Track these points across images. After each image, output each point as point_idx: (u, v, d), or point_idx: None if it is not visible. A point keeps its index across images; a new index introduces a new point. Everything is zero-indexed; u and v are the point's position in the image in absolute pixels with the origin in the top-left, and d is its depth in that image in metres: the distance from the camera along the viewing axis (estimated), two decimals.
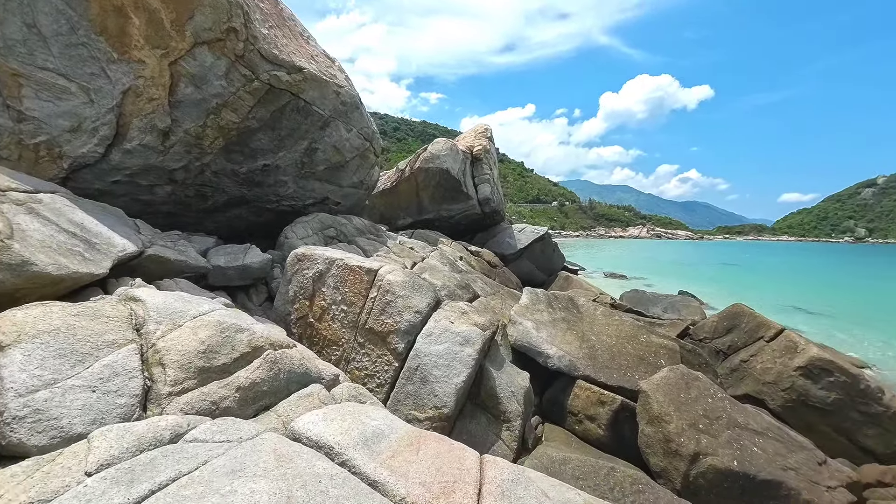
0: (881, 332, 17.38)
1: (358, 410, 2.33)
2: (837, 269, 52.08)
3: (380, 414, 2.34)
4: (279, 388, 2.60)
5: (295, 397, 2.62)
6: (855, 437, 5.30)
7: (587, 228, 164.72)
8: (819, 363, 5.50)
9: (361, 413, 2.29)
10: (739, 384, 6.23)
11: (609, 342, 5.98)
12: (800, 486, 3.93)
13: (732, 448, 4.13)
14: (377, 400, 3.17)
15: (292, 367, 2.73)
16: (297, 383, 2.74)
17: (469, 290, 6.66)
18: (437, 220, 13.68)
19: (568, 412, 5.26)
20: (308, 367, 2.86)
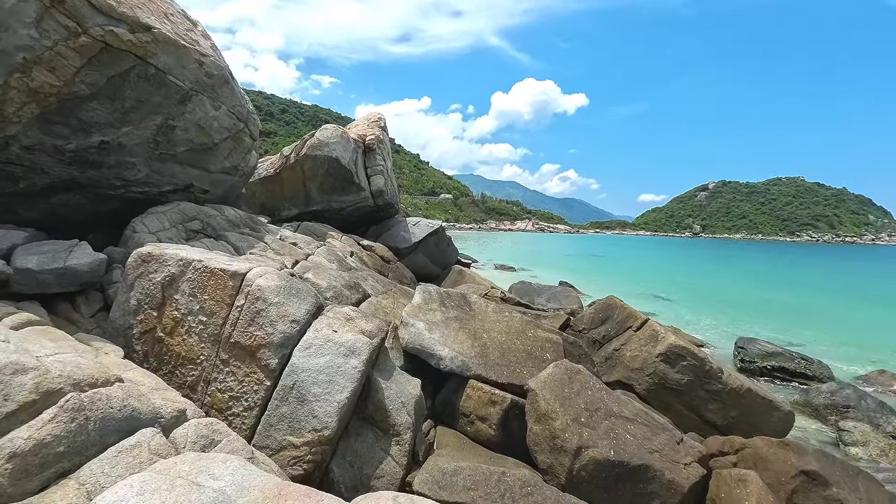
0: (712, 314, 20.74)
1: (197, 468, 1.82)
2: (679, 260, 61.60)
3: (228, 468, 1.85)
4: (86, 444, 1.95)
5: (112, 452, 1.99)
6: (701, 413, 6.05)
7: (479, 221, 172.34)
8: (675, 349, 6.17)
9: (201, 472, 1.78)
10: (612, 371, 6.76)
11: (500, 339, 6.03)
12: (663, 467, 4.29)
13: (609, 438, 4.37)
14: (236, 437, 2.63)
15: (109, 411, 2.08)
16: (119, 431, 2.10)
17: (358, 291, 6.21)
18: (326, 212, 12.84)
19: (460, 413, 5.16)
20: (136, 408, 2.23)
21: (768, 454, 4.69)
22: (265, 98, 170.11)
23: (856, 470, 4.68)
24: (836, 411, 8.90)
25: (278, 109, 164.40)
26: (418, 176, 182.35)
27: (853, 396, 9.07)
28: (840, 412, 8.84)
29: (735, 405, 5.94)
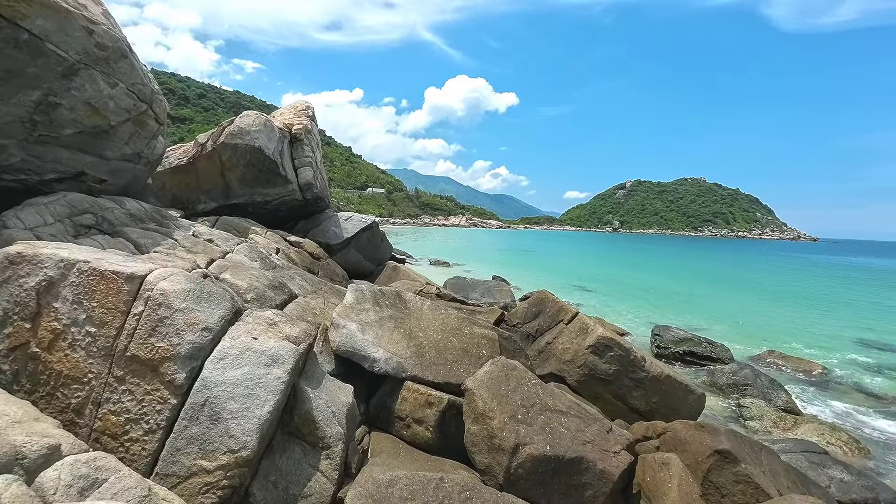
0: (631, 303, 22.24)
1: None
2: (601, 254, 65.73)
3: None
4: None
5: None
6: (627, 400, 6.36)
7: (413, 216, 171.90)
8: (604, 341, 6.42)
9: None
10: (545, 364, 6.91)
11: (436, 337, 5.89)
12: (595, 458, 4.40)
13: (545, 433, 4.40)
14: (128, 472, 2.21)
15: None
16: None
17: (284, 291, 5.75)
18: (250, 206, 11.92)
19: (396, 417, 4.95)
20: None
21: (686, 437, 5.00)
22: (179, 80, 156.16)
23: (759, 445, 5.15)
24: (737, 389, 9.88)
25: (195, 94, 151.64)
26: (350, 169, 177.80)
27: (750, 375, 10.11)
28: (740, 390, 9.82)
29: (656, 391, 6.31)
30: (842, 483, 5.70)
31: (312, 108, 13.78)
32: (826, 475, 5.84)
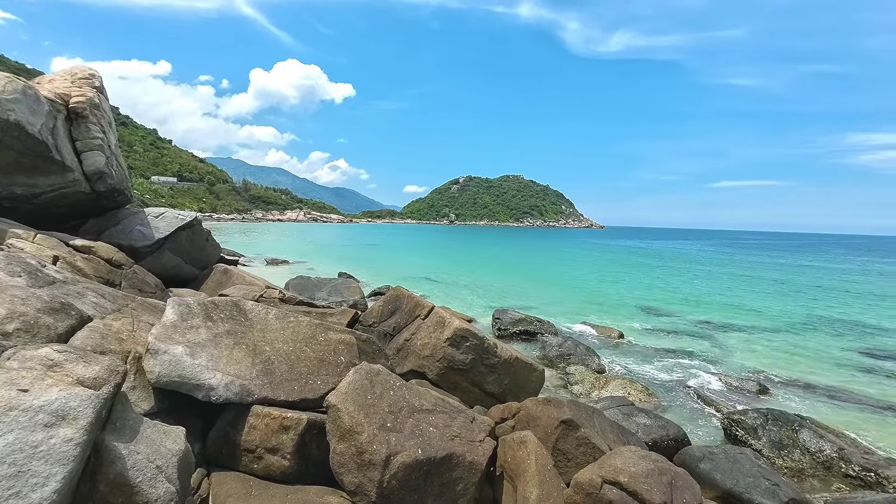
0: (473, 290, 23.93)
1: None
2: (442, 244, 69.62)
3: None
4: None
5: None
6: (482, 386, 6.69)
7: (243, 211, 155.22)
8: (460, 332, 6.61)
9: None
10: (405, 362, 6.81)
11: (286, 349, 5.23)
12: (464, 451, 4.45)
13: (415, 436, 4.26)
14: None
15: None
16: None
17: (70, 314, 4.34)
18: (7, 201, 8.92)
19: (243, 451, 4.21)
20: None
21: (537, 412, 5.46)
22: None
23: (591, 409, 5.93)
24: (563, 359, 11.41)
25: None
26: (157, 156, 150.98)
27: (572, 346, 11.79)
28: (565, 359, 11.36)
29: (507, 373, 6.79)
30: (645, 427, 7.01)
31: (100, 77, 10.99)
32: (634, 422, 7.12)
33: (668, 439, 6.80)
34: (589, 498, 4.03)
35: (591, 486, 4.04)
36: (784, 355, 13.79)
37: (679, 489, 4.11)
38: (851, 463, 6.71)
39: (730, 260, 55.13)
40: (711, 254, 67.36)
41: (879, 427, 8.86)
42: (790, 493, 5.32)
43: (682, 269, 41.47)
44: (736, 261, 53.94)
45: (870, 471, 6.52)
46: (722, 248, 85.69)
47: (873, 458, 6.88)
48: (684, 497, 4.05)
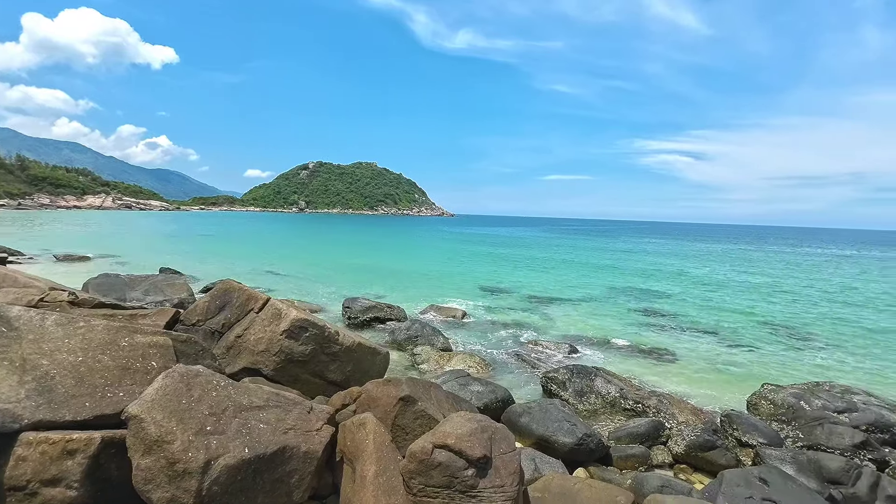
0: (324, 280, 23.15)
1: None
2: (291, 234, 65.41)
3: None
4: None
5: None
6: (325, 375, 6.58)
7: (20, 196, 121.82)
8: (299, 323, 6.37)
9: None
10: (237, 360, 6.28)
11: (73, 360, 4.35)
12: (298, 442, 4.35)
13: (242, 436, 3.99)
14: None
15: None
16: None
17: None
18: None
19: (10, 489, 3.40)
20: None
21: (377, 394, 5.62)
22: None
23: (429, 383, 6.34)
24: (411, 341, 11.89)
25: None
26: None
27: (419, 328, 12.35)
28: (413, 341, 11.86)
29: (350, 360, 6.80)
30: (478, 393, 7.79)
31: None
32: (469, 391, 7.85)
33: (497, 401, 7.69)
34: (422, 464, 4.33)
35: (423, 452, 4.34)
36: (590, 320, 16.72)
37: (497, 441, 4.70)
38: (628, 399, 8.53)
39: (555, 244, 64.16)
40: (542, 239, 77.35)
41: (646, 368, 11.45)
42: (584, 429, 6.54)
43: (518, 253, 46.71)
44: (559, 245, 63.01)
45: (639, 402, 8.39)
46: (549, 234, 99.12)
47: (642, 392, 8.86)
48: (501, 447, 4.65)
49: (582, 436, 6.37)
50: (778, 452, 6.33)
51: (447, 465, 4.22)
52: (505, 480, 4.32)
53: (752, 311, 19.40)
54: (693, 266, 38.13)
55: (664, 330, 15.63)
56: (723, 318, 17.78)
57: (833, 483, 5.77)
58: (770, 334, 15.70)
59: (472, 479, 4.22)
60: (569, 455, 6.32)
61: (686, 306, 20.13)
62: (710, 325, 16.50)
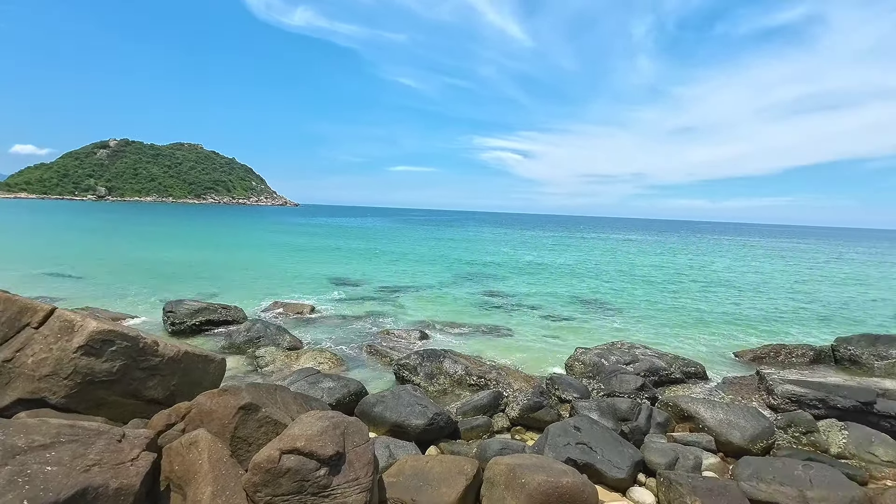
0: (138, 283, 19.52)
1: None
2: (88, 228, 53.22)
3: None
4: None
5: None
6: (142, 394, 5.57)
7: None
8: (100, 335, 5.23)
9: None
10: (6, 391, 4.88)
11: None
12: (106, 479, 3.62)
13: (17, 487, 3.13)
14: None
15: None
16: None
17: None
18: None
19: None
20: None
21: (211, 406, 4.99)
22: None
23: (274, 387, 5.89)
24: (252, 343, 10.88)
25: None
26: None
27: (261, 328, 11.37)
28: (255, 343, 10.87)
29: (174, 372, 5.88)
30: (330, 389, 7.56)
31: None
32: (320, 388, 7.56)
33: (350, 395, 7.58)
34: (268, 474, 4.01)
35: (269, 461, 4.03)
36: (438, 306, 17.65)
37: (350, 435, 4.63)
38: (472, 375, 9.29)
39: (404, 234, 65.71)
40: (392, 230, 78.37)
41: (488, 345, 12.64)
42: (434, 409, 6.90)
43: (365, 246, 46.43)
44: (408, 235, 64.75)
45: (482, 377, 9.21)
46: (398, 224, 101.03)
47: (484, 368, 9.74)
48: (354, 440, 4.59)
49: (432, 416, 6.71)
50: (587, 403, 7.66)
51: (297, 470, 4.00)
52: (359, 473, 4.30)
53: (568, 289, 22.99)
54: (523, 252, 43.35)
55: (501, 309, 17.44)
56: (546, 296, 20.65)
57: (623, 420, 7.25)
58: (581, 306, 18.85)
59: (325, 479, 4.09)
60: (422, 436, 6.60)
61: (518, 287, 22.78)
62: (537, 303, 19.01)
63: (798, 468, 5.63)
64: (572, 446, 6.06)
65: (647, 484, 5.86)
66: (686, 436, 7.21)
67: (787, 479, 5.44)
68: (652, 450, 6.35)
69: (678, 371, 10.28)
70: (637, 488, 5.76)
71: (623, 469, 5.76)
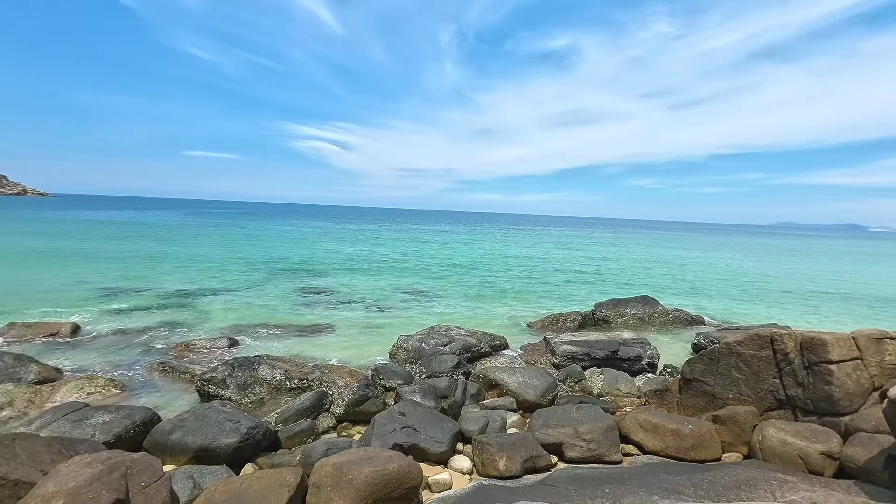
0: None
1: None
2: None
3: None
4: None
5: None
6: None
7: None
8: None
9: None
10: None
11: None
12: None
13: None
14: None
15: None
16: None
17: None
18: None
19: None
20: None
21: None
22: None
23: (12, 436, 4.42)
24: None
25: None
26: None
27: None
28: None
29: None
30: (105, 424, 6.06)
31: None
32: (90, 425, 6.00)
33: (135, 426, 6.23)
34: None
35: None
36: (250, 307, 15.97)
37: (136, 475, 3.80)
38: (293, 379, 8.70)
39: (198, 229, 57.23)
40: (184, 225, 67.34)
41: (309, 344, 12.05)
42: (249, 423, 6.22)
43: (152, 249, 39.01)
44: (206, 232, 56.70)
45: (304, 379, 8.72)
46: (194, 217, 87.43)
47: (306, 369, 9.24)
48: (142, 480, 3.79)
49: (247, 430, 6.04)
50: (410, 387, 8.00)
51: None
52: None
53: (389, 280, 23.62)
54: (343, 245, 42.69)
55: (322, 306, 16.82)
56: (368, 288, 20.80)
57: (443, 398, 7.83)
58: (403, 295, 19.59)
59: None
60: (235, 455, 5.87)
61: (339, 281, 22.35)
62: (360, 296, 18.98)
63: (573, 411, 6.99)
64: (398, 431, 6.24)
65: (464, 451, 6.46)
66: (495, 401, 8.21)
67: (566, 420, 6.71)
68: (467, 419, 7.02)
69: (486, 346, 11.63)
70: (457, 457, 6.29)
71: (444, 443, 6.21)
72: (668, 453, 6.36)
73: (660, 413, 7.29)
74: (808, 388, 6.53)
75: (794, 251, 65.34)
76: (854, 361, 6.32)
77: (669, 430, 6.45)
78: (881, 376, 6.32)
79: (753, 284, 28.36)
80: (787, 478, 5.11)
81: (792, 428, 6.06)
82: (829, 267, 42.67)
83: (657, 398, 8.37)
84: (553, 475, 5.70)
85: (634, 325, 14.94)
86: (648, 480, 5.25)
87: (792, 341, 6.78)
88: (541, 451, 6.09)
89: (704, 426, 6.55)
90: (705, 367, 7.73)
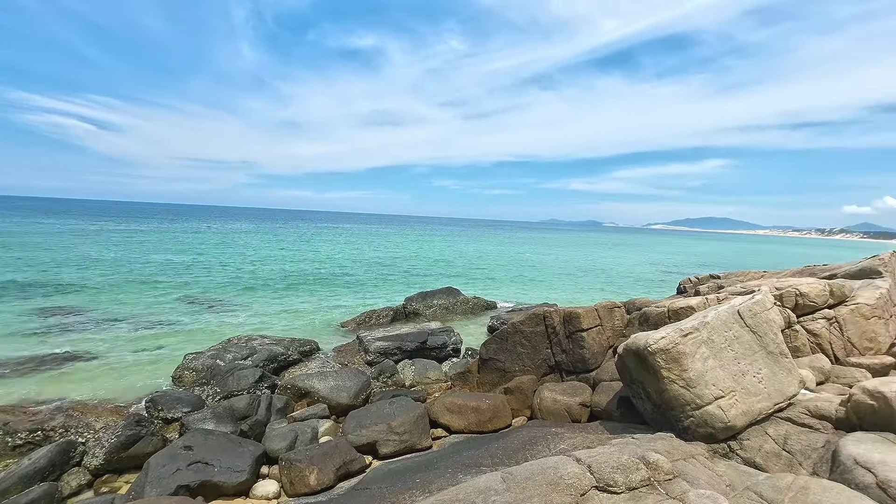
0: None
1: None
2: None
3: None
4: None
5: None
6: None
7: None
8: None
9: None
10: None
11: None
12: None
13: None
14: None
15: None
16: None
17: None
18: None
19: None
20: None
21: None
22: None
23: None
24: None
25: None
26: None
27: None
28: None
29: None
30: None
31: None
32: None
33: None
34: None
35: None
36: None
37: None
38: (19, 432, 6.44)
39: None
40: None
41: (49, 383, 9.13)
42: None
43: None
44: None
45: (37, 430, 6.53)
46: None
47: (40, 416, 6.94)
48: None
49: None
50: (200, 414, 6.81)
51: None
52: None
53: (173, 290, 19.90)
54: (104, 250, 34.15)
55: (75, 330, 13.04)
56: (144, 302, 17.10)
57: (242, 419, 6.91)
58: (190, 307, 16.73)
59: None
60: None
61: (101, 297, 17.75)
62: (130, 312, 15.43)
63: (387, 406, 7.04)
64: (183, 471, 5.22)
65: (270, 474, 5.82)
66: (304, 412, 7.66)
67: (379, 418, 6.71)
68: (272, 437, 6.35)
69: (295, 352, 10.83)
70: (261, 482, 5.62)
71: (244, 471, 5.47)
72: (470, 429, 6.98)
73: (463, 393, 7.97)
74: (570, 352, 8.07)
75: (557, 242, 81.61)
76: (597, 328, 8.08)
77: (471, 408, 7.09)
78: (614, 337, 8.25)
79: (533, 270, 34.12)
80: (558, 430, 6.17)
81: (560, 388, 7.38)
82: (580, 252, 54.91)
83: (461, 380, 9.16)
84: (367, 476, 5.60)
85: (441, 314, 16.13)
86: (454, 459, 5.63)
87: (558, 316, 8.26)
88: (354, 455, 5.93)
89: (498, 398, 7.43)
90: (497, 346, 8.79)
